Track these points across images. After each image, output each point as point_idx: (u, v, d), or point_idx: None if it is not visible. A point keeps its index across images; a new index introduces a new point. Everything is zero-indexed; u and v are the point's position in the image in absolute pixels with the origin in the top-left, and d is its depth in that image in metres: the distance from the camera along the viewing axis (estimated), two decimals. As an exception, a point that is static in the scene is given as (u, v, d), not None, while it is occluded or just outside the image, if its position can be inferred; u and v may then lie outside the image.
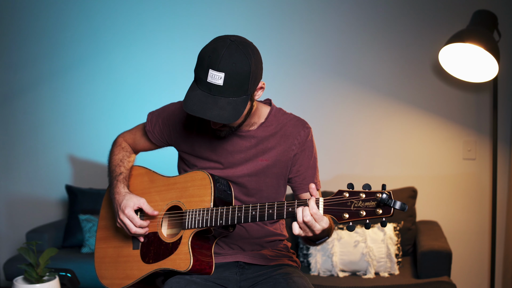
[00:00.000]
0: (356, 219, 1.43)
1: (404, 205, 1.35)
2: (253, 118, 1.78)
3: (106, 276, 1.92)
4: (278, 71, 3.61)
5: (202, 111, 1.57)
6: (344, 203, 1.44)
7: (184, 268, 1.69)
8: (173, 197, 1.81)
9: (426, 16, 3.47)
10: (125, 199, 1.79)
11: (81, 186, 3.85)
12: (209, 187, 1.72)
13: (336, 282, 2.91)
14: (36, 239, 3.49)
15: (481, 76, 3.13)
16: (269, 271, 1.79)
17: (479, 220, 3.44)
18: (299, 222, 1.50)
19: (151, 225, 1.83)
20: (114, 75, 3.91)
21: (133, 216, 1.76)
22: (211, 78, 1.56)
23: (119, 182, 1.86)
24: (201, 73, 1.59)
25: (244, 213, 1.62)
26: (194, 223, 1.70)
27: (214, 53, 1.57)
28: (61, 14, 3.97)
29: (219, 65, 1.56)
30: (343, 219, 1.44)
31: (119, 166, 1.92)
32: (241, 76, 1.58)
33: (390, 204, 1.36)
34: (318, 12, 3.61)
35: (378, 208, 1.39)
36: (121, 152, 1.97)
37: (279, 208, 1.56)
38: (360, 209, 1.42)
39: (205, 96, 1.58)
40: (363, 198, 1.42)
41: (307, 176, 1.81)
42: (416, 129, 3.51)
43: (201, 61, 1.60)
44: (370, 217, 1.41)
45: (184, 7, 3.79)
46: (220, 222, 1.66)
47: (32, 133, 4.05)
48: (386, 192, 1.38)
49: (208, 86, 1.58)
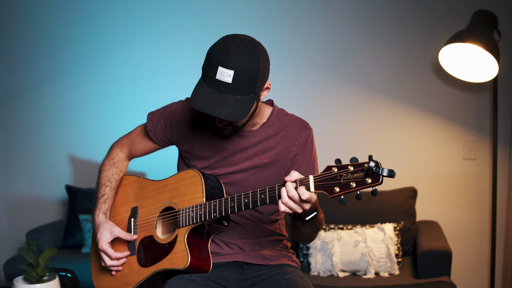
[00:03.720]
0: (347, 191, 1.44)
1: (392, 172, 1.36)
2: (255, 118, 1.79)
3: (105, 287, 1.93)
4: (278, 71, 3.59)
5: (210, 108, 1.57)
6: (334, 177, 1.46)
7: (182, 266, 1.69)
8: (165, 198, 1.82)
9: (426, 16, 3.47)
10: (99, 232, 1.84)
11: (81, 186, 3.85)
12: (200, 183, 1.73)
13: (336, 282, 2.91)
14: (36, 239, 3.49)
15: (481, 76, 3.13)
16: (269, 271, 1.79)
17: (479, 220, 3.44)
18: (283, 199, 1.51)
19: (146, 229, 1.84)
20: (114, 75, 3.92)
21: (106, 249, 1.82)
22: (220, 75, 1.57)
23: (97, 208, 1.89)
24: (210, 70, 1.59)
25: (237, 202, 1.62)
26: (188, 220, 1.71)
27: (223, 50, 1.58)
28: (61, 14, 3.97)
29: (229, 62, 1.56)
30: (334, 192, 1.45)
31: (104, 186, 1.93)
32: (250, 74, 1.58)
33: (378, 172, 1.37)
34: (318, 12, 3.61)
35: (367, 178, 1.41)
36: (111, 169, 1.97)
37: (271, 192, 1.56)
38: (350, 180, 1.43)
39: (213, 93, 1.58)
40: (351, 170, 1.44)
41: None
42: (416, 129, 3.51)
43: (210, 58, 1.60)
44: (360, 187, 1.42)
45: (184, 7, 3.79)
46: (214, 215, 1.66)
47: (32, 133, 4.05)
48: (373, 160, 1.39)
49: (217, 83, 1.58)
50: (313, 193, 1.50)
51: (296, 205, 1.51)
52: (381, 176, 1.38)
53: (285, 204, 1.51)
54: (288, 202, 1.51)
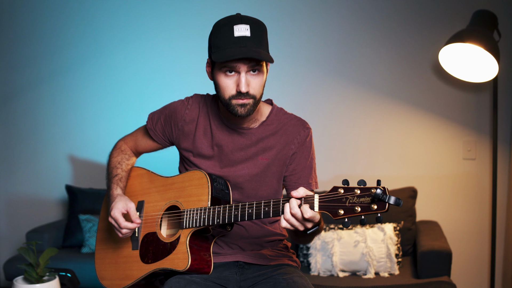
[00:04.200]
0: (351, 215, 1.41)
1: (399, 200, 1.34)
2: (256, 113, 1.80)
3: (106, 277, 1.93)
4: (278, 71, 3.60)
5: (241, 54, 1.59)
6: (339, 199, 1.43)
7: (182, 268, 1.69)
8: (172, 197, 1.82)
9: (426, 16, 3.47)
10: (115, 202, 1.82)
11: (81, 186, 3.85)
12: (206, 186, 1.73)
13: (336, 282, 2.91)
14: (36, 239, 3.49)
15: (481, 76, 3.13)
16: (269, 271, 1.79)
17: (479, 220, 3.44)
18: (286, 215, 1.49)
19: (150, 225, 1.84)
20: (114, 75, 3.92)
21: (117, 217, 1.78)
22: (238, 32, 1.62)
23: (113, 183, 1.89)
24: (225, 35, 1.64)
25: (240, 211, 1.62)
26: (192, 223, 1.71)
27: (230, 18, 1.66)
28: (61, 14, 3.97)
29: (241, 19, 1.64)
30: (338, 215, 1.42)
31: (116, 168, 1.94)
32: (262, 28, 1.66)
33: (385, 200, 1.35)
34: (318, 12, 3.61)
35: (373, 204, 1.38)
36: (120, 155, 1.99)
37: (275, 206, 1.55)
38: (355, 205, 1.40)
39: (237, 48, 1.62)
40: (358, 194, 1.41)
41: (302, 175, 1.82)
42: (416, 129, 3.51)
43: (220, 28, 1.66)
44: (365, 213, 1.39)
45: (184, 7, 3.80)
46: (217, 221, 1.66)
47: (32, 133, 4.06)
48: (380, 188, 1.36)
49: (237, 41, 1.62)
50: (316, 213, 1.47)
51: (298, 222, 1.49)
52: (388, 204, 1.36)
53: (287, 220, 1.49)
54: (290, 219, 1.49)
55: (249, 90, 1.66)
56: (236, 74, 1.66)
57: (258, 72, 1.67)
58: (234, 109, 1.69)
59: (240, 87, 1.65)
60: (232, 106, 1.69)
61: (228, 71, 1.66)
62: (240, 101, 1.68)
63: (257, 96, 1.69)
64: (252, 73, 1.66)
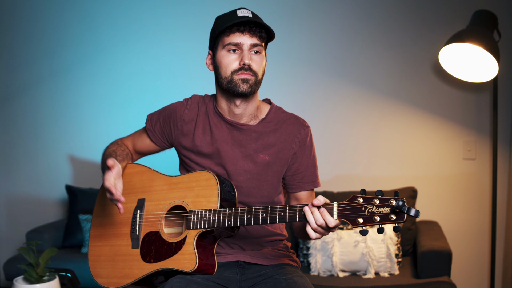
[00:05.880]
0: (370, 224, 1.47)
1: (418, 212, 1.39)
2: (255, 110, 1.82)
3: (102, 275, 1.88)
4: (278, 71, 3.61)
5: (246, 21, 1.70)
6: (358, 208, 1.48)
7: (189, 269, 1.68)
8: (176, 196, 1.80)
9: (426, 16, 3.47)
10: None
11: (81, 186, 3.85)
12: (215, 187, 1.71)
13: (336, 282, 2.91)
14: (36, 239, 3.49)
15: (481, 76, 3.13)
16: (269, 271, 1.79)
17: (479, 220, 3.44)
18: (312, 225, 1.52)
19: (152, 224, 1.83)
20: (114, 75, 3.92)
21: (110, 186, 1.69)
22: (241, 13, 1.72)
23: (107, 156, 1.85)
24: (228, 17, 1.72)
25: (254, 215, 1.62)
26: (200, 224, 1.70)
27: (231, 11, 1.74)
28: (61, 14, 3.97)
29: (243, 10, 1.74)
30: (357, 223, 1.47)
31: (110, 154, 1.88)
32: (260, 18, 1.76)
33: (405, 211, 1.41)
34: (318, 12, 3.61)
35: (392, 214, 1.44)
36: (115, 146, 1.95)
37: (292, 212, 1.57)
38: (374, 214, 1.45)
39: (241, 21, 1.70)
40: (377, 204, 1.46)
41: (306, 175, 1.83)
42: (416, 129, 3.51)
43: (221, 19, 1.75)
44: (384, 223, 1.45)
45: (184, 8, 3.80)
46: (228, 224, 1.66)
47: (32, 133, 4.05)
48: (402, 199, 1.42)
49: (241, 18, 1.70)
50: (337, 221, 1.51)
51: (324, 231, 1.54)
52: (407, 215, 1.42)
53: (315, 230, 1.53)
54: (317, 228, 1.53)
55: (251, 65, 1.72)
56: (239, 52, 1.73)
57: (259, 54, 1.75)
58: (236, 85, 1.73)
59: (244, 59, 1.71)
60: (234, 82, 1.73)
61: (231, 50, 1.73)
62: (242, 76, 1.72)
63: (258, 74, 1.75)
64: (253, 53, 1.74)
